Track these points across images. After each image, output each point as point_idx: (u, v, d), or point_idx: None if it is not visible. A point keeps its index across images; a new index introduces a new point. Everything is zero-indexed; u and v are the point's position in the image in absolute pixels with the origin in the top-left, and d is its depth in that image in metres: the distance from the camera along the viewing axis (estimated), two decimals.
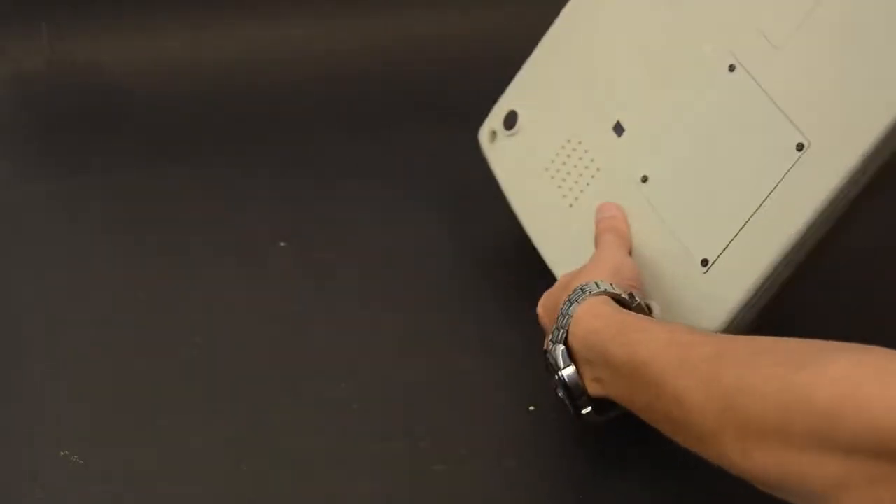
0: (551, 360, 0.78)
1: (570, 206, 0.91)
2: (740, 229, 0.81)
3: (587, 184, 0.90)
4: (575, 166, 0.91)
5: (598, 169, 0.90)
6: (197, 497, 0.83)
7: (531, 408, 0.89)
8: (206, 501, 0.83)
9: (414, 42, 1.17)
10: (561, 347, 0.77)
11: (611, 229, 0.87)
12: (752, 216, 0.80)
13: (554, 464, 0.86)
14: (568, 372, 0.77)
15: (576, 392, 0.78)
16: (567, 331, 0.77)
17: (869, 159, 0.75)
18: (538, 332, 0.84)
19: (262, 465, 0.84)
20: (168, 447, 0.86)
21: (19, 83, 1.14)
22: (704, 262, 0.82)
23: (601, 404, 0.78)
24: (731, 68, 0.82)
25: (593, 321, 0.77)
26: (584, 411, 0.79)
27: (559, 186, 0.92)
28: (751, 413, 0.63)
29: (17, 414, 0.87)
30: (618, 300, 0.79)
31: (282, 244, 1.01)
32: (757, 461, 0.63)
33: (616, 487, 0.84)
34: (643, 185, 0.87)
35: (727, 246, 0.81)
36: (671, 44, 0.86)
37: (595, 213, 0.88)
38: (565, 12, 0.95)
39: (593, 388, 0.77)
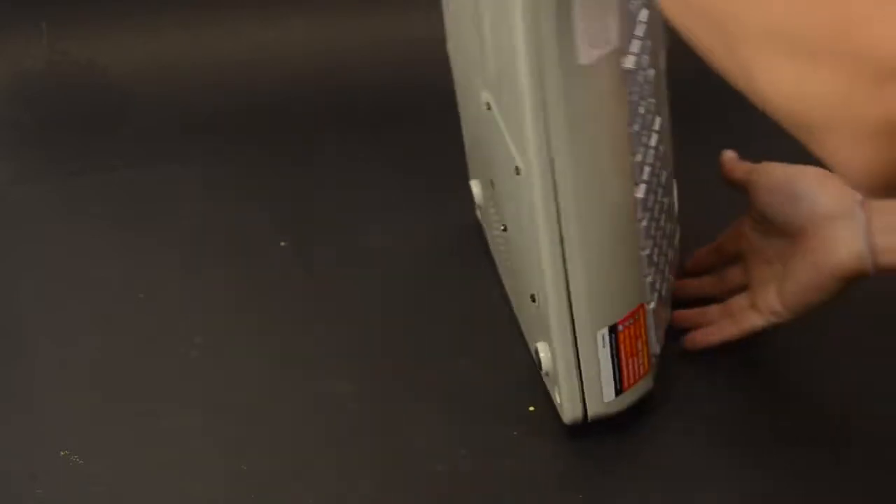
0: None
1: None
2: (539, 261, 0.80)
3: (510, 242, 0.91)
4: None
5: (498, 229, 0.91)
6: (197, 497, 0.83)
7: (531, 408, 0.89)
8: (206, 501, 0.83)
9: (414, 42, 1.17)
10: None
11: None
12: (527, 248, 0.80)
13: (554, 464, 0.86)
14: None
15: None
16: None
17: (546, 167, 0.75)
18: None
19: (262, 465, 0.85)
20: (168, 447, 0.86)
21: (19, 83, 1.14)
22: (533, 298, 0.83)
23: None
24: (488, 107, 0.82)
25: None
26: None
27: (506, 250, 0.93)
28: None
29: (17, 414, 0.88)
30: None
31: (282, 244, 1.01)
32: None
33: (617, 487, 0.84)
34: (504, 233, 0.88)
35: (542, 277, 0.80)
36: (477, 96, 0.86)
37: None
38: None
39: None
